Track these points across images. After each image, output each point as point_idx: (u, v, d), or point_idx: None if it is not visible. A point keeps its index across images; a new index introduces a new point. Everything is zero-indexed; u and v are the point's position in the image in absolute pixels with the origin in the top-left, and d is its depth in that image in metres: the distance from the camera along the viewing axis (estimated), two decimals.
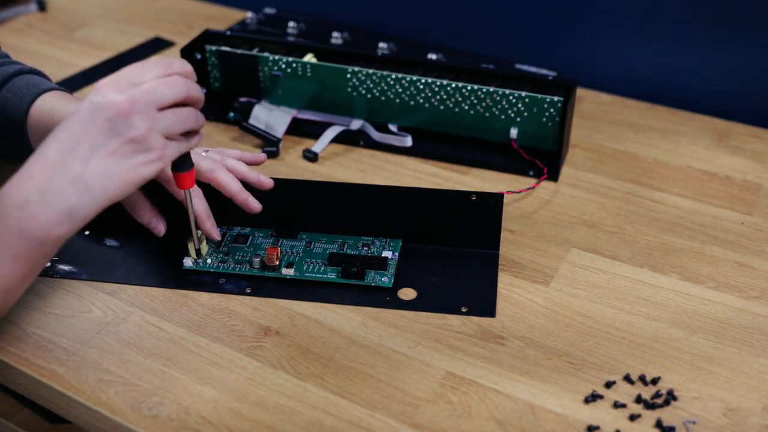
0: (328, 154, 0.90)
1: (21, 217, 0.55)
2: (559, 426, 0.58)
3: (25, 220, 0.55)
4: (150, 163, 0.57)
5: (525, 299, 0.69)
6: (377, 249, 0.73)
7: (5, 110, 0.72)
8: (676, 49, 0.99)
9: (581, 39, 1.04)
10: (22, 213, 0.55)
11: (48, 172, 0.56)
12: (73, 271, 0.72)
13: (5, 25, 1.19)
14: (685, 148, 0.90)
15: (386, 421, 0.58)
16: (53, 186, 0.55)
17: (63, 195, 0.55)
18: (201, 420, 0.58)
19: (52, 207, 0.55)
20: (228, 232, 0.75)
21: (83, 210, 0.56)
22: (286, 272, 0.70)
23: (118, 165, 0.56)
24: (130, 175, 0.57)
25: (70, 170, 0.55)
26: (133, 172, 0.57)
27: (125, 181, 0.57)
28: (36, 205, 0.55)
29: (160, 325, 0.67)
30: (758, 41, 0.94)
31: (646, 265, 0.73)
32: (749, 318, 0.67)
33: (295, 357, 0.64)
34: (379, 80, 0.88)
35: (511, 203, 0.81)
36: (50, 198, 0.55)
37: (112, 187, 0.57)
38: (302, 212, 0.74)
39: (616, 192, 0.83)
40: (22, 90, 0.73)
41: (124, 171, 0.56)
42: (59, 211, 0.55)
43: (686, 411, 0.59)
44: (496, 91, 0.84)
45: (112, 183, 0.56)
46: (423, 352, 0.64)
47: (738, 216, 0.79)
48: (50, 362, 0.63)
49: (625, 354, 0.64)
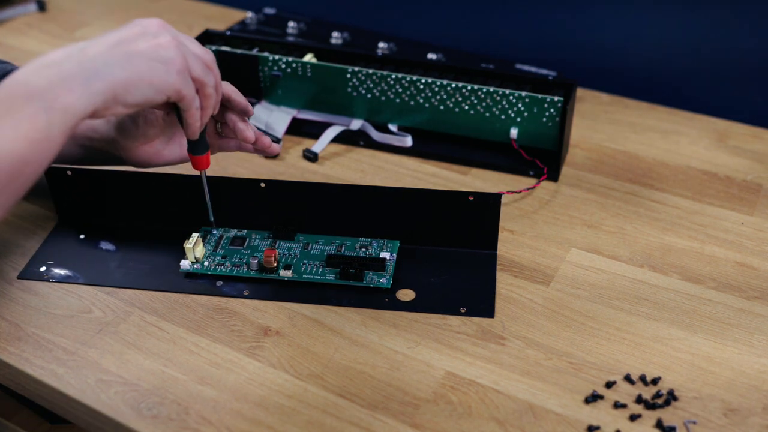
0: (328, 154, 0.90)
1: (34, 79, 0.53)
2: (559, 426, 0.58)
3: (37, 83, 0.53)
4: (169, 71, 0.57)
5: (525, 299, 0.69)
6: (375, 250, 0.73)
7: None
8: (676, 48, 0.99)
9: (581, 39, 1.04)
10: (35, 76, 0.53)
11: (67, 50, 0.55)
12: (69, 275, 0.72)
13: (5, 25, 1.20)
14: (685, 148, 0.90)
15: (386, 421, 0.58)
16: (70, 59, 0.54)
17: (79, 68, 0.54)
18: (201, 420, 0.58)
19: (65, 74, 0.53)
20: (225, 235, 0.75)
21: (95, 84, 0.54)
22: (284, 274, 0.70)
23: (142, 60, 0.56)
24: (150, 73, 0.57)
25: (90, 52, 0.55)
26: (153, 71, 0.57)
27: (142, 72, 0.56)
28: (49, 69, 0.53)
29: (160, 325, 0.67)
30: (758, 41, 0.94)
31: (646, 265, 0.73)
32: (749, 318, 0.67)
33: (295, 357, 0.64)
34: (379, 80, 0.88)
35: (511, 203, 0.81)
36: (65, 66, 0.54)
37: (129, 74, 0.56)
38: (299, 214, 0.74)
39: (616, 192, 0.83)
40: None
41: (146, 68, 0.56)
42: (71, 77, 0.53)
43: (686, 411, 0.59)
44: (496, 91, 0.84)
45: (129, 70, 0.56)
46: (423, 352, 0.64)
47: (738, 216, 0.79)
48: (50, 362, 0.63)
49: (625, 354, 0.64)
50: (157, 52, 0.57)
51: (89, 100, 0.54)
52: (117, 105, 0.56)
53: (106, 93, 0.55)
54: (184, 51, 0.59)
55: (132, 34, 0.58)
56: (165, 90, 0.58)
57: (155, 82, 0.57)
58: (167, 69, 0.57)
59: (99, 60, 0.55)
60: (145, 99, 0.57)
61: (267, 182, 0.72)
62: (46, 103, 0.52)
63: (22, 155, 0.51)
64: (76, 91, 0.53)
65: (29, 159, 0.52)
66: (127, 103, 0.56)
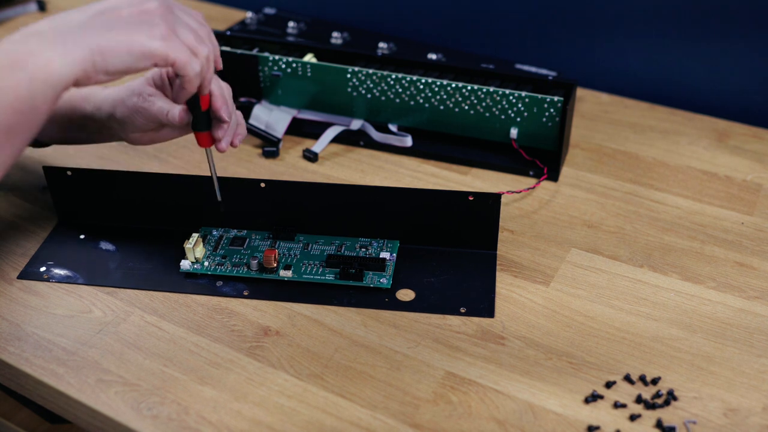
0: (328, 154, 0.90)
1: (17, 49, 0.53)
2: (559, 426, 0.58)
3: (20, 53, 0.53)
4: (152, 37, 0.56)
5: (525, 299, 0.69)
6: (375, 250, 0.73)
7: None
8: (676, 49, 0.99)
9: (581, 39, 1.04)
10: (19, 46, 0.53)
11: (53, 19, 0.55)
12: (69, 275, 0.72)
13: (5, 25, 1.19)
14: (685, 148, 0.90)
15: (386, 421, 0.58)
16: (52, 28, 0.54)
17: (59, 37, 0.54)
18: (201, 420, 0.58)
19: (46, 43, 0.53)
20: (225, 235, 0.75)
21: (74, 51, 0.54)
22: (284, 274, 0.70)
23: (122, 26, 0.56)
24: (128, 39, 0.55)
25: (73, 19, 0.55)
26: (132, 36, 0.55)
27: (122, 37, 0.55)
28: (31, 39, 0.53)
29: (160, 325, 0.67)
30: (758, 41, 0.94)
31: (646, 265, 0.73)
32: (749, 318, 0.67)
33: (295, 357, 0.64)
34: (379, 80, 0.88)
35: (511, 203, 0.81)
36: (46, 35, 0.54)
37: (107, 41, 0.55)
38: (299, 214, 0.74)
39: (616, 192, 0.83)
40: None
41: (125, 29, 0.55)
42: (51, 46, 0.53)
43: (686, 411, 0.59)
44: (496, 91, 0.84)
45: (108, 37, 0.55)
46: (423, 352, 0.64)
47: (738, 216, 0.79)
48: (50, 362, 0.63)
49: (625, 354, 0.64)
50: (140, 17, 0.56)
51: (70, 68, 0.53)
52: (98, 73, 0.55)
53: (84, 61, 0.54)
54: (172, 19, 0.58)
55: (118, 1, 0.57)
56: (146, 56, 0.56)
57: (135, 48, 0.55)
58: (149, 34, 0.56)
59: (79, 28, 0.54)
60: (126, 66, 0.56)
61: (267, 182, 0.72)
62: (29, 73, 0.52)
63: (8, 125, 0.52)
64: (56, 60, 0.53)
65: (15, 129, 0.53)
66: (108, 70, 0.55)
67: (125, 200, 0.76)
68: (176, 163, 0.87)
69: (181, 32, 0.58)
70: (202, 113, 0.66)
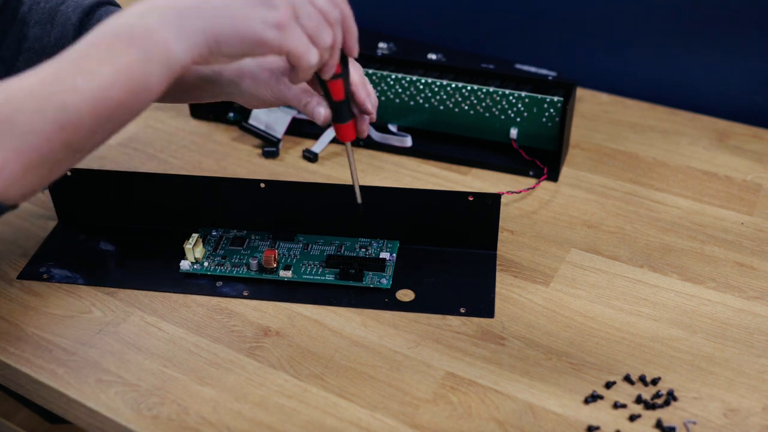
0: (328, 154, 0.90)
1: (136, 24, 0.50)
2: (559, 426, 0.58)
3: (139, 29, 0.50)
4: (266, 24, 0.51)
5: (525, 299, 0.69)
6: (375, 250, 0.73)
7: None
8: (676, 49, 0.99)
9: (581, 39, 1.04)
10: (138, 21, 0.51)
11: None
12: (69, 275, 0.72)
13: None
14: (685, 148, 0.90)
15: (386, 421, 0.58)
16: (173, 4, 0.51)
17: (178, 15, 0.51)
18: (201, 420, 0.58)
19: (165, 21, 0.51)
20: (224, 235, 0.75)
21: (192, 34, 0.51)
22: (283, 274, 0.70)
23: (239, 7, 0.51)
24: (242, 25, 0.51)
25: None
26: (247, 20, 0.51)
27: (235, 24, 0.51)
28: (151, 15, 0.51)
29: (160, 325, 0.67)
30: (759, 42, 0.94)
31: (646, 265, 0.73)
32: (749, 318, 0.67)
33: (295, 357, 0.64)
34: (379, 80, 0.88)
35: (511, 203, 0.81)
36: (166, 13, 0.51)
37: (221, 24, 0.51)
38: (299, 214, 0.74)
39: (616, 192, 0.83)
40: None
41: (240, 14, 0.51)
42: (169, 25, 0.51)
43: (686, 411, 0.59)
44: (496, 91, 0.84)
45: (223, 20, 0.51)
46: (423, 353, 0.64)
47: (738, 216, 0.79)
48: (50, 362, 0.63)
49: (625, 354, 0.64)
50: (259, 0, 0.52)
51: (186, 52, 0.51)
52: (215, 56, 0.52)
53: (200, 45, 0.51)
54: (296, 2, 0.52)
55: None
56: (259, 45, 0.52)
57: (247, 36, 0.51)
58: (264, 20, 0.51)
59: (197, 7, 0.51)
60: (240, 53, 0.53)
61: (267, 182, 0.72)
62: (146, 53, 0.50)
63: (120, 100, 0.50)
64: (174, 40, 0.50)
65: (126, 104, 0.51)
66: (224, 54, 0.52)
67: (125, 200, 0.76)
68: (176, 163, 0.87)
69: (304, 15, 0.53)
70: (336, 103, 0.59)
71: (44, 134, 0.48)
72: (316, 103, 0.61)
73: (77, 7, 0.67)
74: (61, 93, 0.48)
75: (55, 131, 0.49)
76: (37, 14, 0.68)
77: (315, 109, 0.62)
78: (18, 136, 0.48)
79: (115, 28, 0.51)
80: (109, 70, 0.49)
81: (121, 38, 0.50)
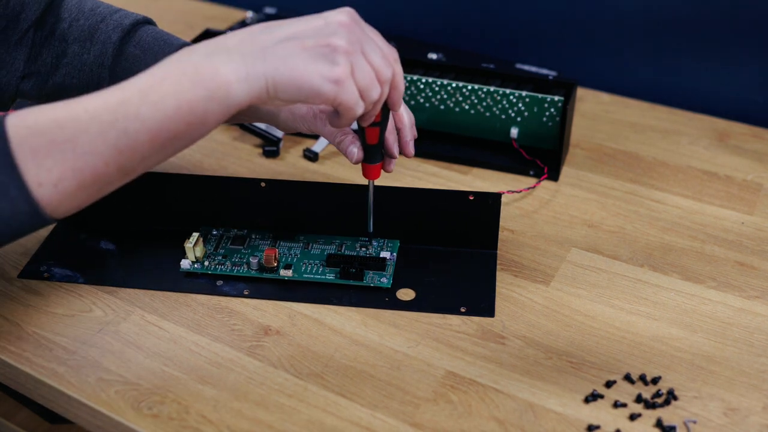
0: (329, 153, 0.90)
1: (203, 64, 0.53)
2: (559, 425, 0.58)
3: (206, 69, 0.53)
4: (325, 78, 0.54)
5: (525, 299, 0.69)
6: (375, 250, 0.73)
7: (136, 69, 0.68)
8: (676, 49, 0.99)
9: (581, 39, 1.04)
10: (205, 60, 0.53)
11: (242, 36, 0.55)
12: (69, 274, 0.72)
13: None
14: (685, 148, 0.90)
15: (386, 420, 0.58)
16: (240, 47, 0.54)
17: (243, 60, 0.53)
18: (201, 419, 0.58)
19: (231, 64, 0.53)
20: (225, 234, 0.75)
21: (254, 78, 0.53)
22: (284, 274, 0.70)
23: (302, 58, 0.54)
24: (302, 76, 0.54)
25: (260, 41, 0.54)
26: (308, 72, 0.54)
27: (295, 74, 0.54)
28: (218, 56, 0.53)
29: (161, 324, 0.67)
30: (758, 42, 0.94)
31: (646, 264, 0.73)
32: (749, 317, 0.67)
33: (296, 356, 0.64)
34: None
35: (512, 203, 0.81)
36: (233, 55, 0.54)
37: (281, 73, 0.54)
38: (299, 213, 0.74)
39: (617, 192, 0.83)
40: (152, 47, 0.70)
41: (302, 67, 0.54)
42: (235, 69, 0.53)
43: (686, 410, 0.59)
44: (496, 91, 0.84)
45: (284, 69, 0.54)
46: (423, 352, 0.64)
47: (738, 216, 0.79)
48: (50, 361, 0.63)
49: (625, 353, 0.64)
50: (322, 51, 0.54)
51: (246, 94, 0.54)
52: (272, 100, 0.55)
53: (261, 89, 0.54)
54: (355, 59, 0.55)
55: (309, 28, 0.55)
56: (314, 96, 0.54)
57: (305, 87, 0.54)
58: (324, 74, 0.54)
59: (262, 51, 0.54)
60: (296, 99, 0.55)
61: (267, 182, 0.72)
62: (209, 91, 0.53)
63: (177, 132, 0.53)
64: (236, 82, 0.53)
65: (182, 136, 0.54)
66: (281, 99, 0.55)
67: (125, 200, 0.76)
68: (176, 163, 0.87)
69: (359, 72, 0.55)
70: (369, 146, 0.63)
71: (103, 157, 0.52)
72: (350, 142, 0.65)
73: (117, 26, 0.70)
74: (124, 120, 0.52)
75: (113, 155, 0.52)
76: (77, 31, 0.70)
77: (348, 148, 0.65)
78: (78, 156, 0.51)
79: (184, 65, 0.53)
80: (173, 104, 0.52)
81: (187, 75, 0.53)
